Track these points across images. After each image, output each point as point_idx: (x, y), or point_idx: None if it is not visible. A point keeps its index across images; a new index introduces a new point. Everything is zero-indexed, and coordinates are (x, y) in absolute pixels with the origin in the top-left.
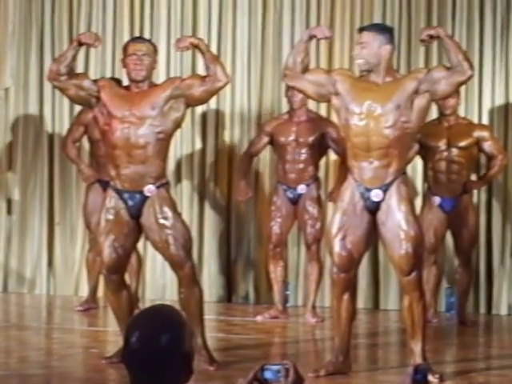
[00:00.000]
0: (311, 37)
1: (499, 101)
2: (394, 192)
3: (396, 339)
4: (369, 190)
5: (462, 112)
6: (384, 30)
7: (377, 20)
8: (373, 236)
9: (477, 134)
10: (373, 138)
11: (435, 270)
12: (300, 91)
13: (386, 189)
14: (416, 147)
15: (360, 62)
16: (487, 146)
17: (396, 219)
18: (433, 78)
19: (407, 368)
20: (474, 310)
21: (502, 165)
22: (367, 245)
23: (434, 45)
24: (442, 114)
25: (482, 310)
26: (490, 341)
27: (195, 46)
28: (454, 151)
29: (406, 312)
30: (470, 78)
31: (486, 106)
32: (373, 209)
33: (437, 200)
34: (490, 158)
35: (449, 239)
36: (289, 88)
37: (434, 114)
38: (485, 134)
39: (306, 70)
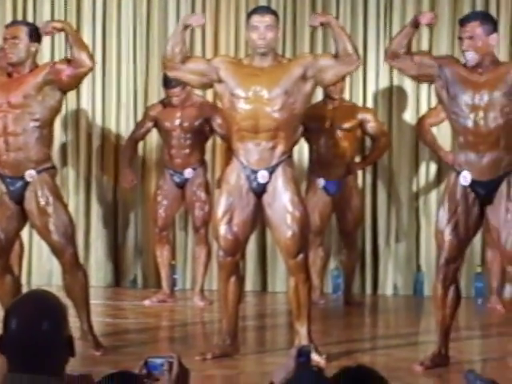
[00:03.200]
0: (186, 26)
1: (383, 84)
2: (280, 174)
3: (284, 321)
4: (255, 172)
5: (347, 95)
6: (276, 13)
7: (262, 3)
8: (258, 218)
9: (360, 116)
10: (261, 120)
11: (321, 252)
12: (182, 81)
13: (272, 171)
14: (300, 129)
15: (264, 44)
16: (370, 127)
17: (282, 201)
18: (319, 66)
19: (290, 350)
20: (361, 290)
21: (384, 146)
22: (253, 227)
23: (319, 29)
24: (327, 97)
25: (368, 290)
26: (375, 321)
27: (60, 30)
28: (338, 133)
29: (292, 294)
30: (356, 68)
31: (371, 89)
32: (258, 191)
33: (321, 182)
34: (373, 139)
35: (334, 221)
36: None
37: (319, 96)
38: (368, 116)
39: (185, 59)
